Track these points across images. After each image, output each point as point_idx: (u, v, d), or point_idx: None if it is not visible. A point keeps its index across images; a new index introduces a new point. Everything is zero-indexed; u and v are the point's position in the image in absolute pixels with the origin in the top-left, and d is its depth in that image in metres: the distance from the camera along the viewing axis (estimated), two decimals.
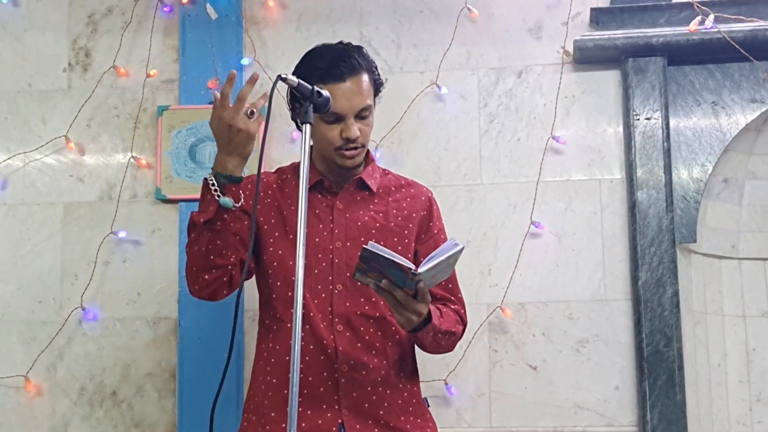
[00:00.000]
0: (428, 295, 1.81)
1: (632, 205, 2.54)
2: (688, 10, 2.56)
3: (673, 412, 2.44)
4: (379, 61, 2.36)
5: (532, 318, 2.56)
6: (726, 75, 2.59)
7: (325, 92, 1.78)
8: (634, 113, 2.56)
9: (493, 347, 2.56)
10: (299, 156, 1.70)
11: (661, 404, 2.44)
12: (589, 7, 2.64)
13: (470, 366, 2.55)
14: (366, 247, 1.67)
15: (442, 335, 1.93)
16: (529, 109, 2.64)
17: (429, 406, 2.05)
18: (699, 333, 2.61)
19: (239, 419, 2.03)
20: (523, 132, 2.64)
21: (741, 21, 2.50)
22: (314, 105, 1.74)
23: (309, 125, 1.71)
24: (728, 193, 2.69)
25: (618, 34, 2.57)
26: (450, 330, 1.96)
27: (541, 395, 2.53)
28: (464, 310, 2.08)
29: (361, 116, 1.94)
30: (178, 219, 2.66)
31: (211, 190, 1.84)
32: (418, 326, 1.85)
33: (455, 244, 1.77)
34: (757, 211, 2.70)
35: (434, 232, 2.08)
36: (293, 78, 1.72)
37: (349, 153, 1.95)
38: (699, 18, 2.50)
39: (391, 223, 2.02)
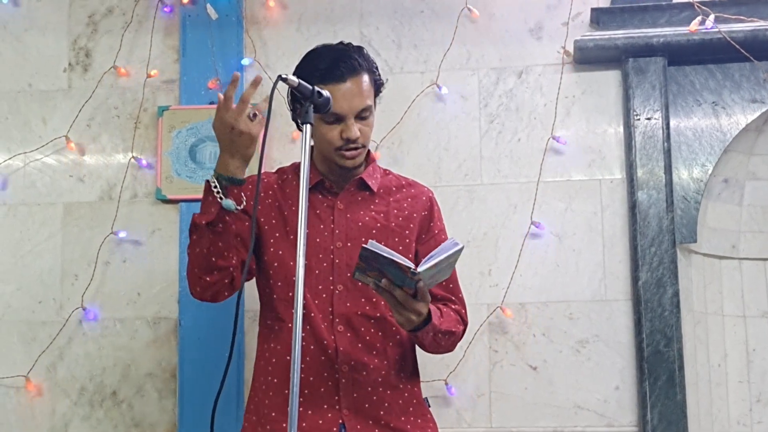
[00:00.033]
0: (428, 295, 1.80)
1: (632, 206, 2.54)
2: (688, 10, 2.56)
3: (673, 412, 2.44)
4: (379, 62, 2.36)
5: (533, 318, 2.56)
6: (726, 75, 2.59)
7: (326, 92, 1.77)
8: (635, 113, 2.56)
9: (494, 347, 2.56)
10: (300, 156, 1.70)
11: (661, 404, 2.44)
12: (589, 8, 2.64)
13: (470, 366, 2.55)
14: (365, 246, 1.67)
15: (443, 335, 1.93)
16: (530, 110, 2.64)
17: (430, 406, 2.05)
18: (699, 333, 2.61)
19: (239, 419, 2.03)
20: (523, 132, 2.64)
21: (741, 21, 2.50)
22: (315, 105, 1.74)
23: (309, 125, 1.71)
24: (728, 193, 2.69)
25: (618, 35, 2.57)
26: (450, 330, 1.96)
27: (542, 395, 2.53)
28: (465, 310, 2.08)
29: (362, 117, 1.94)
30: (179, 219, 2.66)
31: (213, 192, 1.83)
32: (418, 326, 1.84)
33: (455, 243, 1.76)
34: (758, 212, 2.70)
35: (435, 232, 2.07)
36: (294, 78, 1.71)
37: (350, 153, 1.95)
38: (699, 18, 2.50)
39: (392, 224, 2.01)
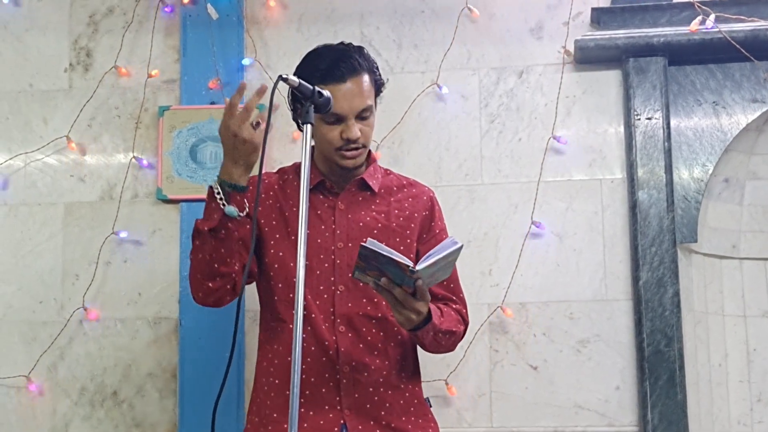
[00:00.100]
0: (427, 294, 1.80)
1: (633, 205, 2.54)
2: (689, 10, 2.56)
3: (673, 412, 2.44)
4: (380, 62, 2.36)
5: (533, 318, 2.56)
6: (727, 75, 2.59)
7: (326, 92, 1.77)
8: (635, 113, 2.56)
9: (494, 347, 2.56)
10: (300, 156, 1.70)
11: (661, 404, 2.44)
12: (590, 7, 2.64)
13: (471, 366, 2.55)
14: (364, 245, 1.67)
15: (443, 335, 1.93)
16: (530, 109, 2.64)
17: (431, 407, 2.05)
18: (700, 333, 2.61)
19: (240, 419, 2.03)
20: (524, 132, 2.64)
21: (742, 21, 2.50)
22: (315, 105, 1.74)
23: (310, 125, 1.71)
24: (729, 193, 2.69)
25: (619, 34, 2.57)
26: (450, 329, 1.95)
27: (542, 395, 2.53)
28: (466, 309, 2.08)
29: (362, 117, 1.94)
30: (179, 219, 2.66)
31: (216, 199, 1.83)
32: (418, 325, 1.84)
33: (454, 242, 1.76)
34: (758, 211, 2.70)
35: (436, 231, 2.07)
36: (294, 78, 1.71)
37: (350, 153, 1.95)
38: (700, 18, 2.50)
39: (393, 224, 2.01)
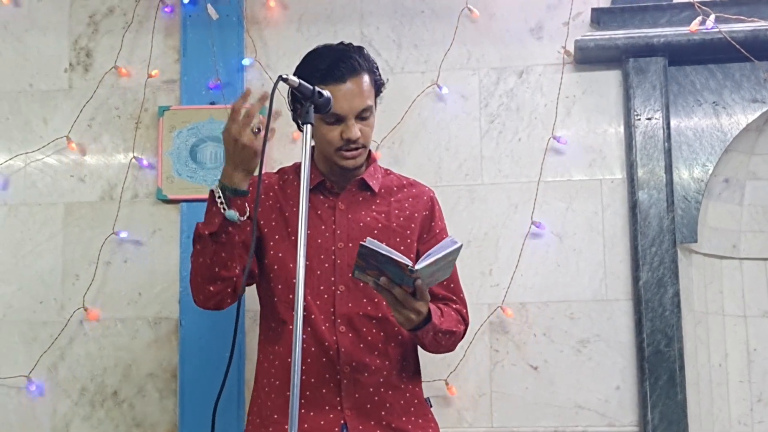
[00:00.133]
0: (427, 294, 1.80)
1: (633, 205, 2.54)
2: (688, 10, 2.56)
3: (674, 412, 2.44)
4: (380, 62, 2.36)
5: (533, 318, 2.56)
6: (727, 75, 2.59)
7: (326, 92, 1.77)
8: (635, 113, 2.56)
9: (494, 347, 2.56)
10: (300, 156, 1.70)
11: (662, 404, 2.44)
12: (590, 8, 2.64)
13: (471, 366, 2.55)
14: (364, 244, 1.67)
15: (443, 335, 1.93)
16: (530, 109, 2.64)
17: (432, 407, 2.05)
18: (700, 333, 2.61)
19: (240, 419, 2.03)
20: (524, 132, 2.64)
21: (742, 21, 2.50)
22: (315, 105, 1.73)
23: (310, 126, 1.70)
24: (729, 193, 2.69)
25: (619, 35, 2.57)
26: (451, 329, 1.95)
27: (542, 395, 2.53)
28: (466, 309, 2.08)
29: (362, 117, 1.94)
30: (179, 219, 2.66)
31: (217, 203, 1.83)
32: (418, 325, 1.84)
33: (453, 241, 1.76)
34: (758, 211, 2.70)
35: (436, 231, 2.07)
36: (294, 78, 1.71)
37: (350, 154, 1.95)
38: (700, 18, 2.50)
39: (393, 224, 2.01)
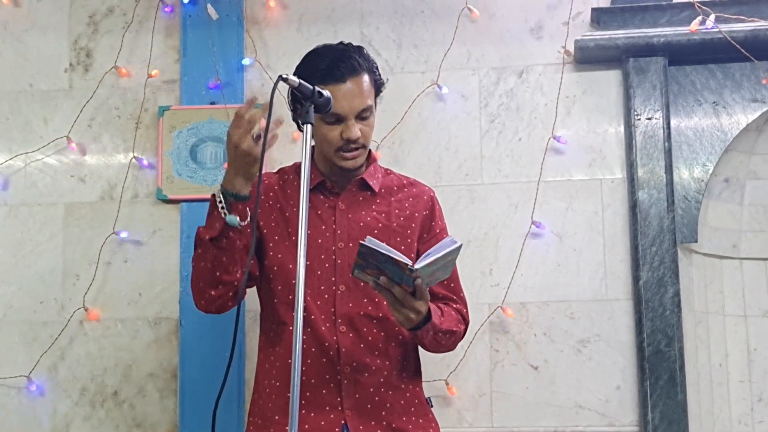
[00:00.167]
0: (427, 293, 1.80)
1: (633, 205, 2.54)
2: (689, 10, 2.56)
3: (674, 411, 2.44)
4: (380, 62, 2.36)
5: (534, 318, 2.56)
6: (727, 75, 2.59)
7: (326, 92, 1.77)
8: (635, 113, 2.56)
9: (495, 347, 2.56)
10: (300, 156, 1.70)
11: (662, 404, 2.44)
12: (590, 7, 2.64)
13: (471, 366, 2.55)
14: (363, 243, 1.67)
15: (443, 334, 1.93)
16: (530, 109, 2.64)
17: (432, 406, 2.04)
18: (700, 333, 2.61)
19: (240, 419, 2.03)
20: (524, 132, 2.64)
21: (742, 21, 2.50)
22: (315, 105, 1.73)
23: (310, 126, 1.70)
24: (729, 192, 2.69)
25: (619, 34, 2.57)
26: (451, 329, 1.95)
27: (543, 395, 2.53)
28: (466, 309, 2.08)
29: (362, 117, 1.93)
30: (179, 219, 2.66)
31: (218, 208, 1.83)
32: (417, 325, 1.84)
33: (453, 241, 1.76)
34: (759, 211, 2.70)
35: (436, 231, 2.07)
36: (294, 78, 1.70)
37: (350, 155, 1.95)
38: (700, 18, 2.50)
39: (394, 223, 2.01)
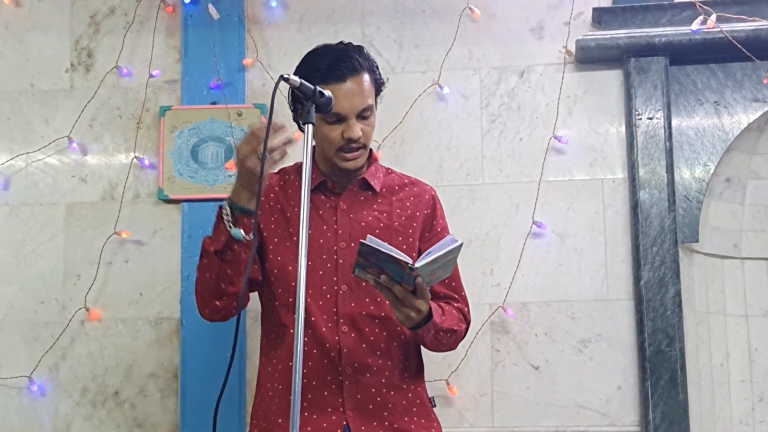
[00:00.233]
0: (427, 292, 1.80)
1: (634, 205, 2.54)
2: (690, 10, 2.55)
3: (675, 411, 2.44)
4: (380, 61, 2.36)
5: (535, 318, 2.56)
6: (728, 74, 2.59)
7: (327, 92, 1.76)
8: (637, 113, 2.56)
9: (496, 347, 2.56)
10: (302, 156, 1.70)
11: (663, 404, 2.44)
12: (591, 7, 2.64)
13: (472, 366, 2.55)
14: (363, 242, 1.67)
15: (444, 333, 1.92)
16: (531, 109, 2.64)
17: (435, 406, 2.04)
18: (701, 333, 2.61)
19: (241, 419, 2.03)
20: (525, 132, 2.64)
21: (743, 21, 2.50)
22: (316, 105, 1.73)
23: (311, 125, 1.71)
24: (730, 192, 2.69)
25: (620, 34, 2.57)
26: (452, 328, 1.95)
27: (544, 395, 2.53)
28: (468, 308, 2.07)
29: (363, 116, 1.94)
30: (181, 219, 2.66)
31: (224, 220, 1.83)
32: (418, 324, 1.84)
33: (454, 240, 1.76)
34: (760, 211, 2.69)
35: (438, 230, 2.07)
36: (296, 78, 1.70)
37: (351, 155, 1.95)
38: (701, 17, 2.50)
39: (395, 223, 2.01)
